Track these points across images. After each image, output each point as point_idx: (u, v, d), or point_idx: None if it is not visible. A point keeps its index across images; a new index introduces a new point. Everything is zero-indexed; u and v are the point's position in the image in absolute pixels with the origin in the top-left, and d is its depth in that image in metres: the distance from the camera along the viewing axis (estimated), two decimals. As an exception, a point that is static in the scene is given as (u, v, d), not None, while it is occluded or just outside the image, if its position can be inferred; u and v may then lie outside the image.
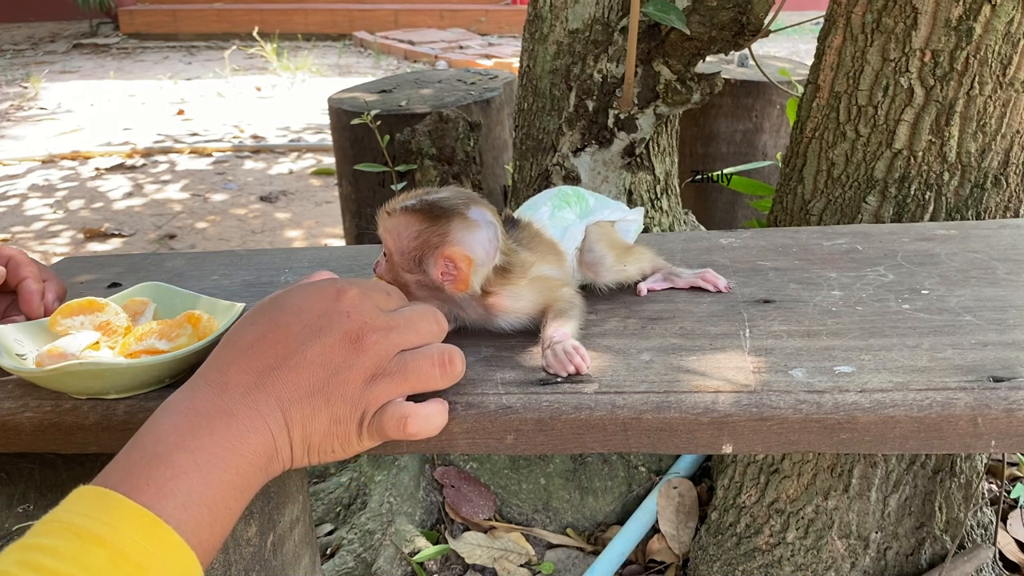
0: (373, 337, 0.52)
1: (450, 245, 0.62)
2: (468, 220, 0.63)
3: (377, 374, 0.52)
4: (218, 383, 0.50)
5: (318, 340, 0.51)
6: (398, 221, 0.64)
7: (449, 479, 1.40)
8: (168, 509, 0.43)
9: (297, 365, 0.50)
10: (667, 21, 1.09)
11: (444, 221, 0.62)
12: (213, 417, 0.48)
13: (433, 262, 0.63)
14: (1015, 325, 0.66)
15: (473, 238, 0.63)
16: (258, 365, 0.50)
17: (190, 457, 0.45)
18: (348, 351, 0.51)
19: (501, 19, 8.22)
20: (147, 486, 0.44)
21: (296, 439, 0.50)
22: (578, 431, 0.58)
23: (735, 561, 1.20)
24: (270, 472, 0.50)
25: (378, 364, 0.52)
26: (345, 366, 0.51)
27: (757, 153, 2.02)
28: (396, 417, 0.52)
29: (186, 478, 0.45)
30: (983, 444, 0.56)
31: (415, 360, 0.53)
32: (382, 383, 0.52)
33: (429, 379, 0.54)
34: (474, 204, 0.64)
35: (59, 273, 0.96)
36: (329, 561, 1.30)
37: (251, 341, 0.51)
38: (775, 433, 0.57)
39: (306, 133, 4.60)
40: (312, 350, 0.50)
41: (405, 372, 0.53)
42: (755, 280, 0.79)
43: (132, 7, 8.23)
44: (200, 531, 0.44)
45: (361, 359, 0.51)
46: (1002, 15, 0.96)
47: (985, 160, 1.03)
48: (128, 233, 3.15)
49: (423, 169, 1.60)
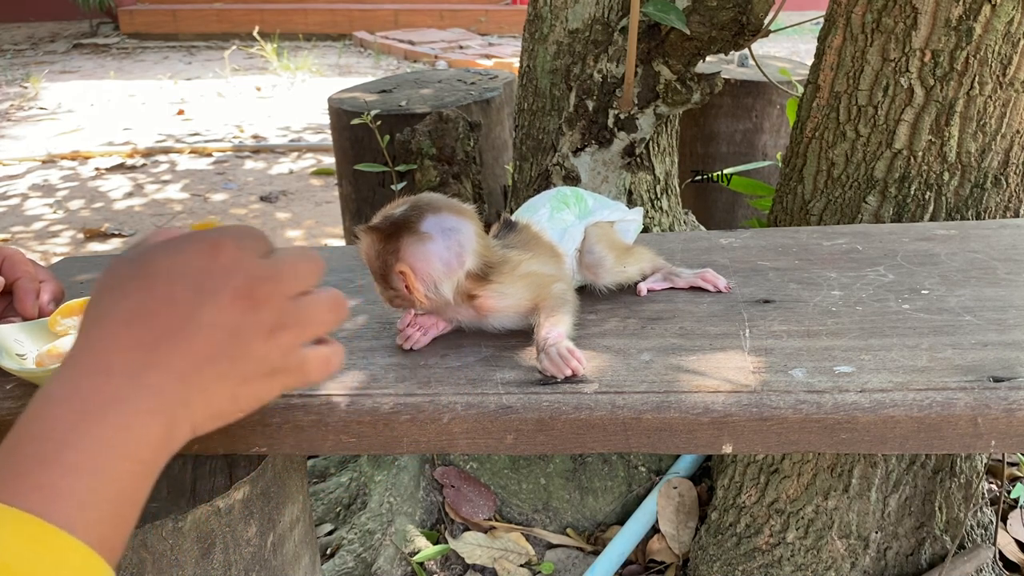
0: (265, 289, 0.49)
1: (400, 261, 0.63)
2: (418, 234, 0.63)
3: (276, 327, 0.49)
4: (100, 367, 0.45)
5: (209, 302, 0.47)
6: (362, 243, 0.66)
7: (449, 479, 1.40)
8: (61, 512, 0.40)
9: (191, 333, 0.46)
10: (667, 21, 1.09)
11: (394, 238, 0.63)
12: (101, 405, 0.44)
13: (394, 278, 0.64)
14: (1015, 325, 0.66)
15: (423, 251, 0.63)
16: (145, 340, 0.45)
17: (81, 453, 0.42)
18: (243, 308, 0.48)
19: (501, 19, 8.22)
20: (33, 491, 0.40)
21: (199, 409, 0.47)
22: (578, 431, 0.58)
23: (735, 561, 1.20)
24: (173, 448, 0.47)
25: (276, 316, 0.49)
26: (244, 324, 0.48)
27: (757, 153, 2.02)
28: (321, 359, 0.52)
29: (78, 476, 0.41)
30: (983, 444, 0.56)
31: (311, 307, 0.52)
32: (284, 335, 0.50)
33: (325, 324, 0.53)
34: (431, 214, 0.64)
35: (59, 273, 0.96)
36: (329, 561, 1.30)
37: (129, 315, 0.46)
38: (775, 433, 0.57)
39: (306, 133, 4.60)
40: (205, 314, 0.46)
41: (303, 321, 0.51)
42: (755, 280, 0.79)
43: (132, 7, 8.23)
44: (102, 528, 0.42)
45: (259, 314, 0.48)
46: (1002, 15, 0.96)
47: (985, 160, 1.03)
48: (128, 233, 3.15)
49: (423, 169, 1.60)
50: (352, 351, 0.69)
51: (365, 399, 0.61)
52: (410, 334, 0.68)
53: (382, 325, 0.73)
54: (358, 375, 0.64)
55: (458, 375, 0.63)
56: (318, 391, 0.62)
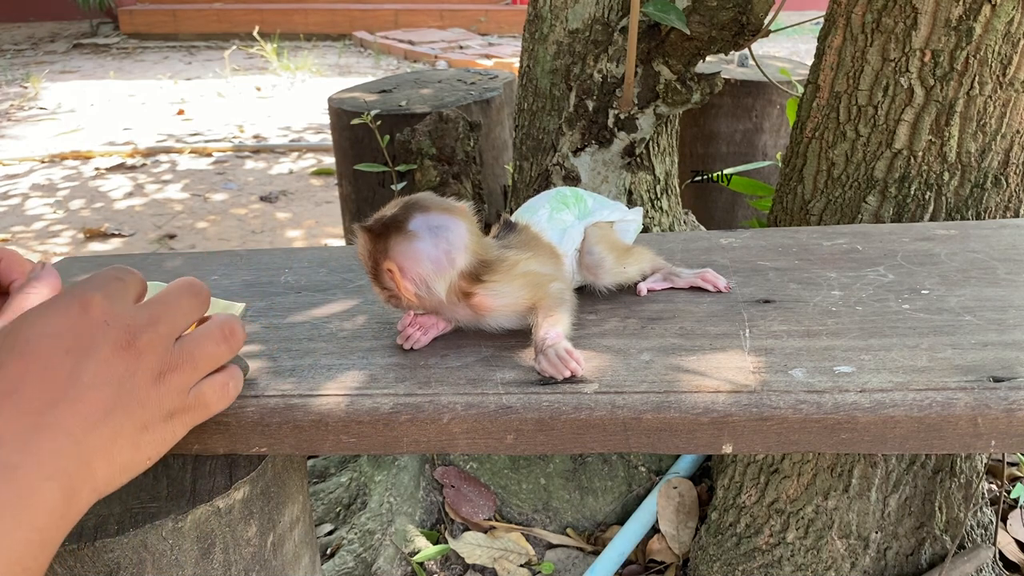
0: (145, 337, 0.49)
1: (388, 260, 0.64)
2: (405, 233, 0.64)
3: (164, 370, 0.49)
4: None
5: (89, 360, 0.46)
6: (357, 244, 0.67)
7: (449, 479, 1.40)
8: None
9: (78, 394, 0.46)
10: (667, 21, 1.09)
11: (383, 238, 0.64)
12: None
13: (384, 277, 0.65)
14: (1015, 325, 0.66)
15: (411, 249, 0.64)
16: (31, 407, 0.44)
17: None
18: (126, 360, 0.48)
19: (501, 19, 8.22)
20: None
21: (101, 467, 0.46)
22: (578, 431, 0.58)
23: (735, 561, 1.20)
24: (74, 515, 0.45)
25: (161, 360, 0.49)
26: (129, 375, 0.48)
27: (757, 153, 2.02)
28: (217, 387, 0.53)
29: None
30: (983, 444, 0.56)
31: (197, 344, 0.52)
32: (174, 377, 0.50)
33: (216, 358, 0.53)
34: (419, 213, 0.65)
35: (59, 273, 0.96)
36: (329, 561, 1.30)
37: (9, 385, 0.45)
38: (775, 433, 0.57)
39: (307, 133, 4.60)
40: (87, 373, 0.46)
41: (192, 359, 0.51)
42: (755, 280, 0.79)
43: (132, 7, 8.23)
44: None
45: (143, 362, 0.48)
46: (1002, 15, 0.96)
47: (985, 160, 1.03)
48: (128, 233, 3.15)
49: (423, 169, 1.60)
50: (352, 351, 0.69)
51: (365, 399, 0.61)
52: (410, 334, 0.68)
53: (382, 325, 0.73)
54: (358, 375, 0.64)
55: (458, 375, 0.63)
56: (318, 391, 0.62)
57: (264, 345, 0.71)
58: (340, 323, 0.75)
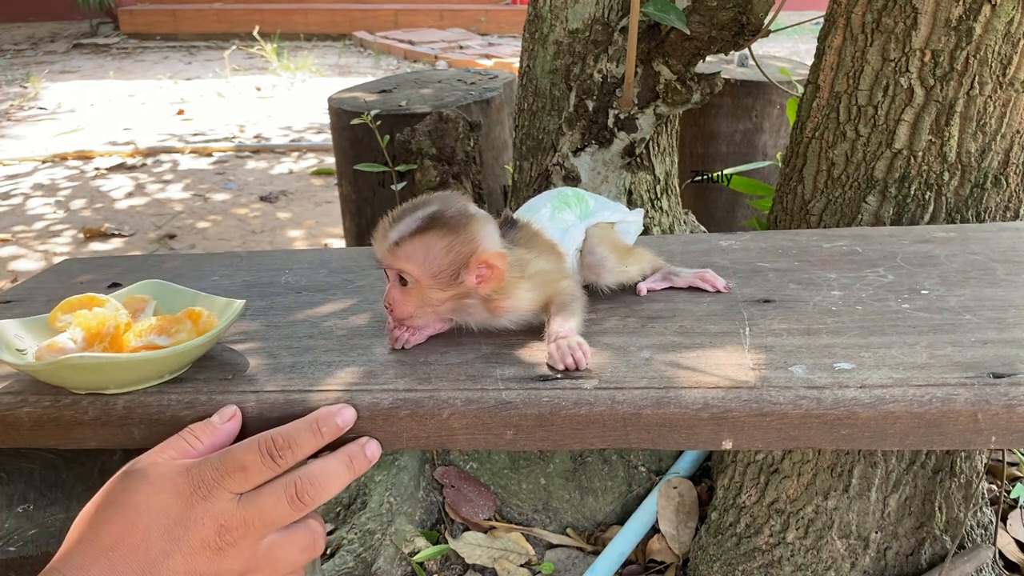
0: (231, 538, 0.53)
1: (483, 249, 0.63)
2: (482, 220, 0.64)
3: (245, 571, 0.53)
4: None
5: (178, 550, 0.52)
6: (416, 246, 0.63)
7: (449, 479, 1.40)
8: None
9: (158, 573, 0.51)
10: (667, 21, 1.09)
11: (464, 228, 0.63)
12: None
13: (468, 270, 0.63)
14: (1015, 324, 0.66)
15: (493, 233, 0.64)
16: (120, 570, 0.50)
17: None
18: (211, 558, 0.52)
19: (501, 19, 8.22)
20: None
21: None
22: (578, 426, 0.58)
23: (735, 561, 1.20)
24: None
25: (244, 562, 0.53)
26: (210, 572, 0.52)
27: (757, 153, 2.02)
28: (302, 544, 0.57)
29: None
30: (983, 440, 0.56)
31: (282, 549, 0.55)
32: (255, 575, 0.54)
33: (296, 564, 0.56)
34: (468, 202, 0.66)
35: (59, 273, 0.97)
36: (329, 561, 1.30)
37: (110, 543, 0.51)
38: (775, 429, 0.57)
39: (307, 133, 4.60)
40: (174, 560, 0.51)
41: (274, 563, 0.55)
42: (755, 280, 0.79)
43: (132, 7, 8.23)
44: None
45: (226, 562, 0.53)
46: (1002, 15, 0.96)
47: (985, 160, 1.04)
48: (128, 233, 3.15)
49: (423, 169, 1.60)
50: (351, 348, 0.69)
51: (365, 395, 0.61)
52: (398, 335, 0.68)
53: (382, 322, 0.73)
54: (357, 371, 0.64)
55: (458, 371, 0.63)
56: (318, 387, 0.62)
57: (264, 342, 0.71)
58: (340, 321, 0.75)
